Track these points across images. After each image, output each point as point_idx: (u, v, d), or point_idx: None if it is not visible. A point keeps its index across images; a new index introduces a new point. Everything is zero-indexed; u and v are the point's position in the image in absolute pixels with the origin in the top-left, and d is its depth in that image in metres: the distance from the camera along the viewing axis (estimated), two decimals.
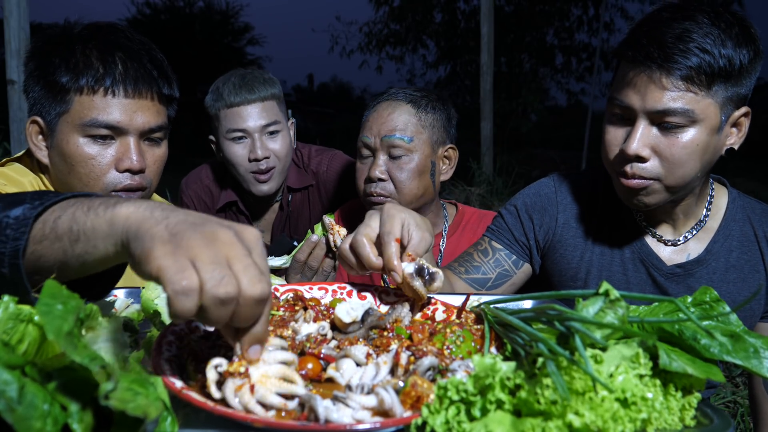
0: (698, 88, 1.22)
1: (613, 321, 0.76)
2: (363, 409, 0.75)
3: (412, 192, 1.75)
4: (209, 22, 24.52)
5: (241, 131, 2.13)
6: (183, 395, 0.75)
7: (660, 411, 0.73)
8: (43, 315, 0.65)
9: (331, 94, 41.54)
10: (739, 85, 1.26)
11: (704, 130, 1.25)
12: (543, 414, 0.69)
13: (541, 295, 1.03)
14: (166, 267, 0.66)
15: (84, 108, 1.32)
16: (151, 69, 1.38)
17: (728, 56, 1.21)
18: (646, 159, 1.28)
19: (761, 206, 1.50)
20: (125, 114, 1.34)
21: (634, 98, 1.27)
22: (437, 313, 1.07)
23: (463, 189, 6.84)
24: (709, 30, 1.22)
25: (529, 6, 12.45)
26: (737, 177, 8.79)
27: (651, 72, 1.24)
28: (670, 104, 1.23)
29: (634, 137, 1.27)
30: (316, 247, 1.55)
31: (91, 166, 1.35)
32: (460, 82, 13.57)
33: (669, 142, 1.26)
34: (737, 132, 1.35)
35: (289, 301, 1.08)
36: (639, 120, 1.28)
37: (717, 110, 1.25)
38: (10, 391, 0.61)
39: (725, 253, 1.45)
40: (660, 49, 1.22)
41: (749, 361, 0.79)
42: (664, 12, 1.28)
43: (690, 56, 1.21)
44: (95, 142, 1.35)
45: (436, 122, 1.77)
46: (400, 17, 13.21)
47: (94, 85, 1.32)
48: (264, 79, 2.18)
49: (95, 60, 1.33)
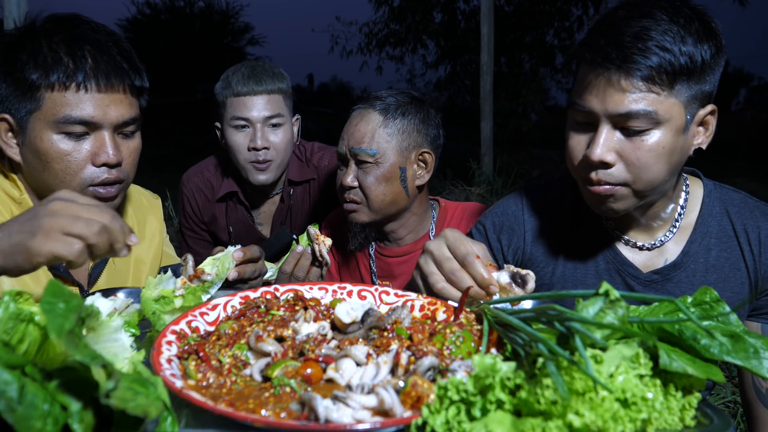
0: (660, 88, 1.17)
1: (613, 321, 0.76)
2: (363, 408, 0.75)
3: (379, 198, 1.77)
4: (209, 22, 24.53)
5: (244, 120, 2.19)
6: (183, 395, 0.75)
7: (660, 411, 0.73)
8: (45, 313, 0.65)
9: (331, 94, 41.57)
10: (703, 82, 1.21)
11: (669, 131, 1.21)
12: (543, 414, 0.69)
13: (541, 295, 1.03)
14: (53, 248, 0.93)
15: (56, 105, 1.31)
16: (121, 61, 1.36)
17: (689, 53, 1.16)
18: (611, 164, 1.24)
19: (739, 196, 1.44)
20: (98, 108, 1.33)
21: (594, 102, 1.22)
22: (437, 313, 1.07)
23: (463, 189, 6.84)
24: (668, 27, 1.17)
25: (529, 6, 12.44)
26: (737, 177, 8.79)
27: (610, 74, 1.19)
28: (632, 106, 1.18)
29: (597, 143, 1.22)
30: (302, 257, 1.57)
31: (67, 162, 1.34)
32: (460, 82, 13.55)
33: (634, 145, 1.21)
34: (704, 131, 1.30)
35: (289, 301, 1.08)
36: (601, 124, 1.22)
37: (681, 110, 1.21)
38: (11, 391, 0.61)
39: (704, 253, 1.40)
40: (618, 50, 1.17)
41: (749, 362, 0.79)
42: (621, 10, 1.23)
43: (649, 55, 1.16)
44: (69, 138, 1.33)
45: (407, 127, 1.77)
46: (400, 17, 13.19)
47: (65, 81, 1.30)
48: (273, 72, 2.25)
49: (64, 55, 1.31)
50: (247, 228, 2.47)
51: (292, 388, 0.80)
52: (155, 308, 1.12)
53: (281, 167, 2.30)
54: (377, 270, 1.91)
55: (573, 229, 1.49)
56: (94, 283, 1.52)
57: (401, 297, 1.12)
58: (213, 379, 0.83)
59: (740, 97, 48.60)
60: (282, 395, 0.79)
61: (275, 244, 1.98)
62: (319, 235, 1.57)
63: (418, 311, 1.09)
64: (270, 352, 0.88)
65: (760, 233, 1.38)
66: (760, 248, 1.37)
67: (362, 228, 1.83)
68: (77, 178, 1.35)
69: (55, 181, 1.35)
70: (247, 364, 0.88)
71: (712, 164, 10.16)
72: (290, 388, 0.80)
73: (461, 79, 13.49)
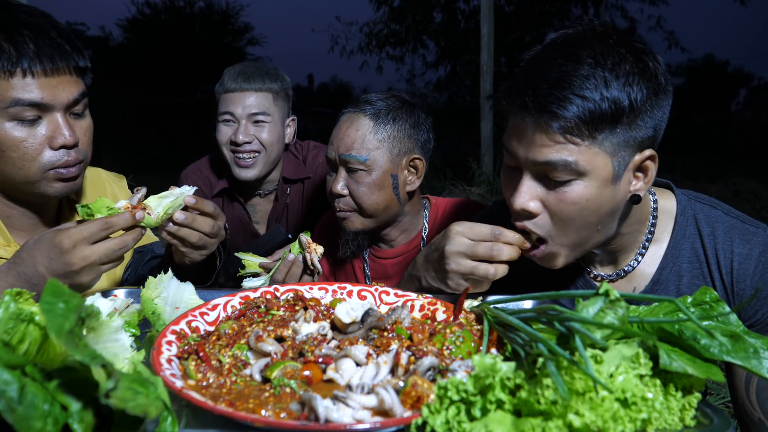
0: (580, 138, 1.08)
1: (613, 321, 0.76)
2: (363, 408, 0.75)
3: (372, 207, 1.74)
4: (209, 22, 24.52)
5: (229, 114, 2.28)
6: (183, 395, 0.75)
7: (660, 411, 0.73)
8: (45, 313, 0.65)
9: (331, 94, 41.55)
10: (634, 128, 1.10)
11: (594, 182, 1.11)
12: (543, 414, 0.69)
13: (541, 295, 1.03)
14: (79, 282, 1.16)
15: (3, 91, 1.30)
16: (63, 43, 1.35)
17: (613, 98, 1.06)
18: (535, 214, 1.16)
19: (716, 213, 1.32)
20: (47, 90, 1.33)
21: (517, 148, 1.15)
22: (437, 313, 1.07)
23: (463, 189, 6.85)
24: (591, 71, 1.07)
25: (529, 6, 12.44)
26: (737, 177, 8.79)
27: (526, 124, 1.11)
28: (551, 156, 1.09)
29: (520, 190, 1.15)
30: (293, 265, 1.56)
31: (24, 149, 1.33)
32: (460, 82, 13.55)
33: (557, 197, 1.13)
34: (643, 177, 1.18)
35: (289, 301, 1.08)
36: (525, 172, 1.15)
37: (607, 159, 1.10)
38: (11, 391, 0.61)
39: (675, 280, 1.30)
40: (534, 98, 1.08)
41: (749, 361, 0.79)
42: (549, 49, 1.15)
43: (566, 105, 1.06)
44: (23, 125, 1.32)
45: (397, 133, 1.73)
46: (400, 17, 13.20)
47: (11, 68, 1.29)
48: (267, 72, 2.30)
49: (4, 42, 1.30)
50: (244, 225, 2.49)
51: (292, 388, 0.80)
52: (154, 307, 1.12)
53: (267, 164, 2.34)
54: (371, 273, 1.91)
55: None
56: None
57: (401, 297, 1.12)
58: (213, 379, 0.83)
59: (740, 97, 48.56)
60: (282, 395, 0.79)
61: (269, 242, 1.97)
62: (310, 243, 1.56)
63: (418, 311, 1.09)
64: (270, 352, 0.88)
65: (732, 260, 1.27)
66: (732, 277, 1.27)
67: (355, 235, 1.81)
68: (36, 164, 1.35)
69: (12, 169, 1.35)
70: (247, 364, 0.88)
71: (713, 164, 10.16)
72: (290, 389, 0.80)
73: (461, 79, 13.49)
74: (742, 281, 1.26)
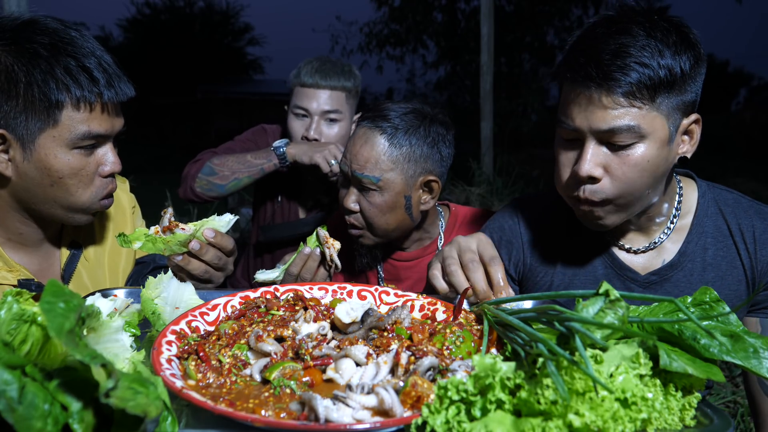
0: (641, 102, 1.20)
1: (613, 321, 0.76)
2: (363, 408, 0.75)
3: (382, 227, 1.72)
4: (209, 22, 24.53)
5: (304, 110, 2.35)
6: (183, 395, 0.75)
7: (660, 411, 0.73)
8: (45, 313, 0.65)
9: None
10: (684, 92, 1.23)
11: (654, 144, 1.23)
12: (543, 414, 0.69)
13: (541, 296, 1.04)
14: None
15: (75, 122, 1.29)
16: (121, 72, 1.36)
17: (668, 66, 1.19)
18: (599, 179, 1.26)
19: (733, 196, 1.46)
20: (109, 121, 1.34)
21: (579, 119, 1.24)
22: (437, 313, 1.07)
23: (463, 189, 6.85)
24: (646, 42, 1.19)
25: (529, 6, 12.45)
26: (737, 177, 8.80)
27: (591, 92, 1.22)
28: (615, 123, 1.21)
29: (585, 158, 1.25)
30: (309, 259, 1.55)
31: (81, 177, 1.34)
32: (460, 82, 13.57)
33: (620, 160, 1.24)
34: (689, 140, 1.32)
35: (289, 301, 1.08)
36: (587, 140, 1.25)
37: (664, 122, 1.23)
38: (11, 391, 0.61)
39: (700, 252, 1.42)
40: (598, 68, 1.20)
41: (749, 361, 0.79)
42: (598, 27, 1.26)
43: (629, 72, 1.18)
44: (82, 152, 1.33)
45: (414, 154, 1.68)
46: (400, 17, 13.21)
47: (92, 100, 1.29)
48: (343, 70, 2.36)
49: (82, 72, 1.29)
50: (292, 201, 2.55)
51: (292, 388, 0.80)
52: (154, 307, 1.12)
53: None
54: (384, 273, 1.90)
55: (569, 237, 1.51)
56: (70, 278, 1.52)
57: (401, 297, 1.13)
58: (213, 379, 0.84)
59: (740, 97, 48.58)
60: (282, 395, 0.79)
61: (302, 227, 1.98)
62: (328, 239, 1.55)
63: (418, 311, 1.09)
64: (270, 352, 0.88)
65: (754, 231, 1.40)
66: (755, 245, 1.40)
67: (369, 249, 1.80)
68: (88, 191, 1.36)
69: (65, 195, 1.35)
70: (247, 364, 0.88)
71: (712, 164, 10.16)
72: (290, 389, 0.80)
73: (461, 79, 13.50)
74: (765, 248, 1.40)
